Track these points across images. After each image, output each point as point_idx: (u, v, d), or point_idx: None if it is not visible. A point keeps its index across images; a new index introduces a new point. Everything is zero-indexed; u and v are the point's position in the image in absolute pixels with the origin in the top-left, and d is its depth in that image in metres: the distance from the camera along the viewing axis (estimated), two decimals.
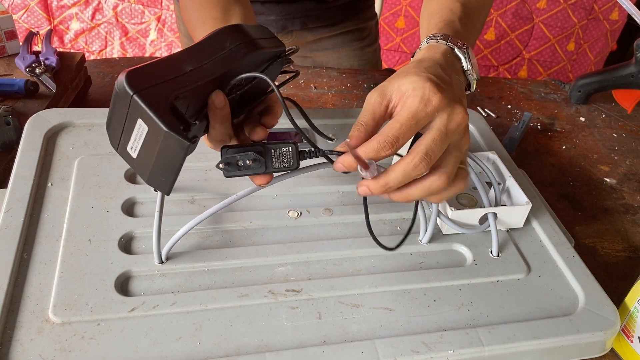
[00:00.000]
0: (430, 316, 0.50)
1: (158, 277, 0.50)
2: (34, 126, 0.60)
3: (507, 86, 1.00)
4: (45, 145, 0.59)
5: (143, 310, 0.47)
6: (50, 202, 0.54)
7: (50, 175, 0.57)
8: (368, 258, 0.55)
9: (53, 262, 0.49)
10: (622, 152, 0.86)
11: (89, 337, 0.44)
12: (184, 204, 0.57)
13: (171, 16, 1.68)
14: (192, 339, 0.45)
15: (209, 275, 0.51)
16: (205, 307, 0.48)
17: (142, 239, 0.53)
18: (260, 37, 0.47)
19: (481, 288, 0.53)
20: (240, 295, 0.49)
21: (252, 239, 0.55)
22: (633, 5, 0.66)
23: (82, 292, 0.47)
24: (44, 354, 0.43)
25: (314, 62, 1.02)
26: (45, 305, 0.46)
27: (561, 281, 0.55)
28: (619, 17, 1.69)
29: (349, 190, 0.61)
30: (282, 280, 0.51)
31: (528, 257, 0.57)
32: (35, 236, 0.51)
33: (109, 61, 0.87)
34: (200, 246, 0.53)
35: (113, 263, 0.50)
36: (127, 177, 0.58)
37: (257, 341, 0.46)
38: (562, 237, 0.58)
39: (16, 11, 1.67)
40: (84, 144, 0.60)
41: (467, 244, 0.57)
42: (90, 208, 0.54)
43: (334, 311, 0.49)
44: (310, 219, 0.57)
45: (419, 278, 0.53)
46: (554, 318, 0.50)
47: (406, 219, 0.59)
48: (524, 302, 0.52)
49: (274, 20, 0.93)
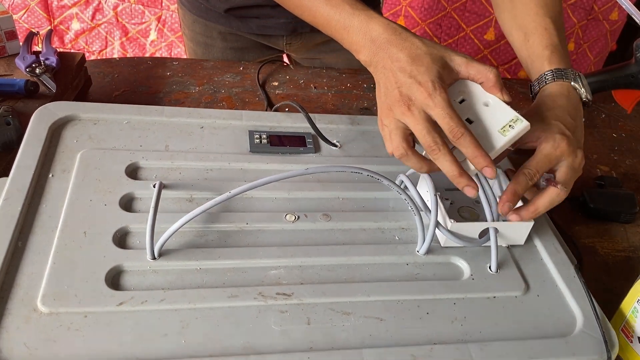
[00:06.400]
0: (422, 328, 0.49)
1: (149, 273, 0.50)
2: (40, 118, 0.61)
3: (507, 86, 0.97)
4: (49, 137, 0.60)
5: (131, 305, 0.46)
6: (49, 193, 0.54)
7: (52, 166, 0.57)
8: (363, 266, 0.54)
9: (46, 253, 0.49)
10: (622, 152, 0.86)
11: (75, 328, 0.44)
12: (182, 202, 0.57)
13: (171, 16, 1.69)
14: (178, 337, 0.45)
15: (200, 274, 0.50)
16: (193, 306, 0.47)
17: (136, 235, 0.53)
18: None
19: (476, 303, 0.52)
20: (230, 295, 0.49)
21: (247, 240, 0.54)
22: (633, 5, 0.65)
23: (72, 283, 0.47)
24: (29, 343, 0.43)
25: (322, 63, 1.02)
26: (35, 295, 0.46)
27: (560, 302, 0.53)
28: (618, 17, 1.67)
29: (348, 196, 0.61)
30: (273, 283, 0.51)
31: (527, 275, 0.55)
32: (32, 226, 0.51)
33: (109, 61, 0.88)
34: (194, 245, 0.53)
35: (106, 257, 0.50)
36: (127, 172, 0.58)
37: (243, 343, 0.45)
38: (564, 257, 0.57)
39: (16, 11, 1.68)
40: (88, 138, 0.61)
41: (465, 257, 0.56)
42: (89, 201, 0.54)
43: (324, 317, 0.48)
44: (308, 223, 0.57)
45: (413, 289, 0.52)
46: (549, 339, 0.49)
47: (405, 229, 0.59)
48: (519, 320, 0.51)
49: (284, 23, 0.93)
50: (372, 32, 0.54)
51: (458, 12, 1.65)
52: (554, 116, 0.57)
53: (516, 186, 0.54)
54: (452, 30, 1.68)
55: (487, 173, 0.51)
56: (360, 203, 0.61)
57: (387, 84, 0.52)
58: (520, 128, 0.52)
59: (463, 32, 1.68)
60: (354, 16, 0.55)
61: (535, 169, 0.54)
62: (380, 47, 0.53)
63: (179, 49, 1.74)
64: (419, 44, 0.53)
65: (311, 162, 0.64)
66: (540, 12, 0.63)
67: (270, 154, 0.64)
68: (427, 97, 0.50)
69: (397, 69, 0.52)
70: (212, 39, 0.98)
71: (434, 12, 1.66)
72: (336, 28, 0.57)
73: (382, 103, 0.53)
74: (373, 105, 0.87)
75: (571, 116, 0.58)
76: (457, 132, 0.50)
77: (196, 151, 0.62)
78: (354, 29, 0.55)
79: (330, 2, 0.56)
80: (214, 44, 0.99)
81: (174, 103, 0.80)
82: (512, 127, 0.52)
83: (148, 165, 0.59)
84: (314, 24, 0.60)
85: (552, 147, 0.54)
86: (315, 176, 0.62)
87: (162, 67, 0.87)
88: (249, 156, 0.63)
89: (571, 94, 0.60)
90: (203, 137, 0.64)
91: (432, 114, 0.50)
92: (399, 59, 0.52)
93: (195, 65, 0.90)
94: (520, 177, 0.54)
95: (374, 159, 0.66)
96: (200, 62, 0.91)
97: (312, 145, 0.66)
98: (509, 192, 0.54)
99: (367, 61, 0.55)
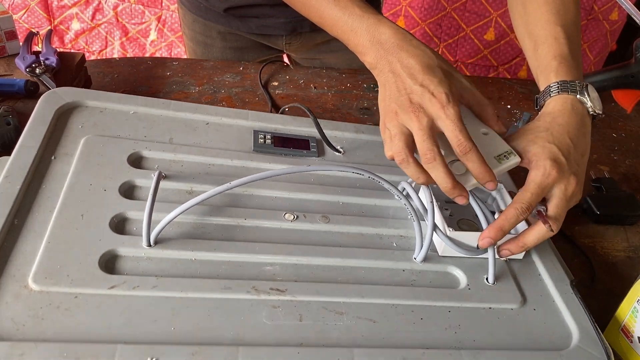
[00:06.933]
0: (415, 333, 0.48)
1: (144, 260, 0.49)
2: (47, 101, 0.61)
3: (507, 86, 0.99)
4: (55, 120, 0.60)
5: (122, 289, 0.46)
6: (50, 175, 0.54)
7: (56, 149, 0.57)
8: (359, 269, 0.53)
9: (42, 232, 0.49)
10: (621, 152, 0.86)
11: (64, 308, 0.44)
12: (181, 194, 0.57)
13: (171, 16, 1.70)
14: (167, 324, 0.44)
15: (194, 264, 0.50)
16: (185, 295, 0.47)
17: (134, 222, 0.52)
18: None
19: (472, 313, 0.51)
20: (223, 287, 0.48)
21: (244, 235, 0.54)
22: (633, 5, 0.65)
23: (65, 263, 0.47)
24: (16, 318, 0.42)
25: (322, 63, 1.03)
26: (27, 272, 0.45)
27: (556, 316, 0.52)
28: (618, 17, 1.68)
29: (349, 201, 0.61)
30: (268, 279, 0.50)
31: (525, 289, 0.55)
32: (30, 205, 0.51)
33: (109, 61, 0.89)
34: (191, 235, 0.53)
35: (101, 240, 0.49)
36: (129, 161, 0.58)
37: (233, 334, 0.45)
38: (562, 273, 0.56)
39: (16, 11, 1.69)
40: (93, 125, 0.61)
41: (462, 268, 0.55)
42: (89, 185, 0.54)
43: (316, 315, 0.48)
44: (306, 223, 0.57)
45: (409, 294, 0.51)
46: (544, 351, 0.48)
47: (403, 236, 0.58)
48: (514, 332, 0.50)
49: (283, 22, 0.94)
50: (381, 36, 0.54)
51: (458, 12, 1.65)
52: (549, 138, 0.55)
53: (504, 222, 0.52)
54: (452, 30, 1.68)
55: (490, 187, 0.51)
56: (360, 208, 0.61)
57: (395, 89, 0.52)
58: (512, 162, 0.54)
59: (463, 32, 1.68)
60: (363, 19, 0.55)
61: (528, 202, 0.52)
62: (389, 51, 0.53)
63: (179, 49, 1.75)
64: (430, 54, 0.53)
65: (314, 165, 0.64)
66: (552, 20, 0.62)
67: (274, 155, 0.64)
68: (440, 108, 0.50)
69: (407, 75, 0.52)
70: (211, 39, 0.99)
71: (434, 12, 1.66)
72: (343, 29, 0.57)
73: (387, 106, 0.53)
74: (373, 105, 0.87)
75: (570, 136, 0.55)
76: (465, 146, 0.50)
77: (200, 146, 0.62)
78: (362, 31, 0.55)
79: (339, 4, 0.57)
80: (214, 43, 1.00)
81: None
82: (507, 157, 0.54)
83: (151, 155, 0.59)
84: (320, 24, 0.60)
85: (542, 176, 0.52)
86: (317, 178, 0.62)
87: (162, 67, 0.88)
88: (252, 155, 0.63)
89: (576, 109, 0.58)
90: (208, 133, 0.65)
91: (441, 126, 0.51)
92: (409, 65, 0.52)
93: (195, 65, 0.90)
94: (511, 212, 0.52)
95: (377, 167, 0.66)
96: (200, 62, 0.92)
97: (315, 149, 0.66)
98: (494, 228, 0.52)
99: (372, 63, 0.55)
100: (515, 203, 0.52)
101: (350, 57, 0.59)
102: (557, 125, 0.56)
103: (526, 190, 0.53)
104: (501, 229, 0.52)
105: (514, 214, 0.52)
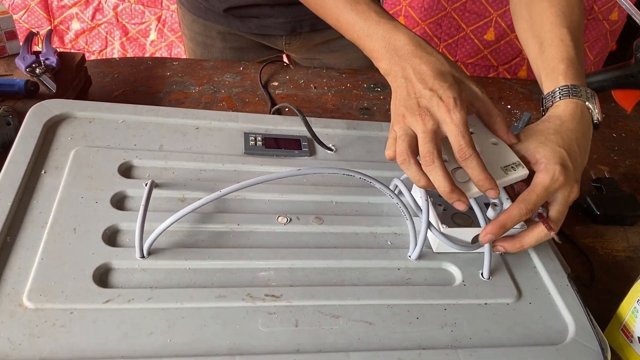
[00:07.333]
0: (411, 333, 0.48)
1: (138, 271, 0.49)
2: (35, 114, 0.61)
3: (507, 86, 0.99)
4: (44, 133, 0.60)
5: (117, 303, 0.46)
6: (41, 189, 0.54)
7: (46, 163, 0.57)
8: (354, 270, 0.53)
9: (35, 248, 0.49)
10: (621, 152, 0.85)
11: (60, 324, 0.44)
12: (173, 202, 0.57)
13: (171, 16, 1.69)
14: (164, 336, 0.45)
15: (189, 273, 0.50)
16: (180, 305, 0.47)
17: (126, 233, 0.52)
18: None
19: (467, 309, 0.51)
20: (218, 296, 0.48)
21: (237, 241, 0.54)
22: (633, 5, 0.64)
23: (59, 279, 0.47)
24: (13, 338, 0.42)
25: (322, 63, 1.02)
26: (21, 290, 0.46)
27: (552, 310, 0.52)
28: (618, 17, 1.68)
29: (342, 200, 0.60)
30: (262, 285, 0.50)
31: (520, 283, 0.55)
32: (22, 221, 0.51)
33: (109, 61, 0.88)
34: (184, 244, 0.53)
35: (94, 254, 0.49)
36: (120, 171, 0.58)
37: (229, 344, 0.45)
38: (558, 265, 0.56)
39: (16, 11, 1.68)
40: (82, 136, 0.61)
41: (457, 263, 0.55)
42: (80, 198, 0.54)
43: (312, 320, 0.48)
44: (300, 226, 0.57)
45: (404, 294, 0.51)
46: (540, 346, 0.48)
47: (398, 234, 0.58)
48: (510, 327, 0.50)
49: (282, 22, 0.93)
50: (396, 43, 0.54)
51: (458, 12, 1.65)
52: (559, 142, 0.54)
53: (507, 220, 0.52)
54: (452, 30, 1.67)
55: (491, 194, 0.51)
56: (353, 207, 0.60)
57: (405, 93, 0.52)
58: (519, 174, 0.53)
59: (463, 32, 1.68)
60: (379, 25, 0.55)
61: (533, 204, 0.52)
62: (403, 58, 0.53)
63: (179, 49, 1.74)
64: (443, 60, 0.53)
65: (305, 165, 0.64)
66: (557, 22, 0.61)
67: (265, 156, 0.64)
68: (446, 112, 0.50)
69: (418, 81, 0.52)
70: (211, 39, 0.99)
71: (434, 12, 1.66)
72: (359, 35, 0.57)
73: (396, 109, 0.53)
74: (373, 105, 0.87)
75: (578, 142, 0.55)
76: (466, 152, 0.49)
77: (190, 152, 0.62)
78: (378, 38, 0.55)
79: (356, 9, 0.56)
80: (214, 43, 0.99)
81: (173, 103, 0.80)
82: (514, 169, 0.53)
83: (141, 164, 0.59)
84: (336, 27, 0.60)
85: (551, 180, 0.52)
86: (309, 179, 0.62)
87: (162, 67, 0.87)
88: (243, 158, 0.63)
89: (584, 115, 0.57)
90: (198, 137, 0.64)
91: (446, 130, 0.50)
92: (421, 71, 0.52)
93: (195, 65, 0.90)
94: (515, 211, 0.52)
95: (369, 163, 0.66)
96: (200, 62, 0.91)
97: (307, 149, 0.66)
98: (496, 224, 0.52)
99: (387, 70, 0.55)
100: (520, 203, 0.52)
101: (350, 57, 0.59)
102: (567, 130, 0.56)
103: (533, 191, 0.52)
104: (503, 226, 0.52)
105: (518, 213, 0.52)
